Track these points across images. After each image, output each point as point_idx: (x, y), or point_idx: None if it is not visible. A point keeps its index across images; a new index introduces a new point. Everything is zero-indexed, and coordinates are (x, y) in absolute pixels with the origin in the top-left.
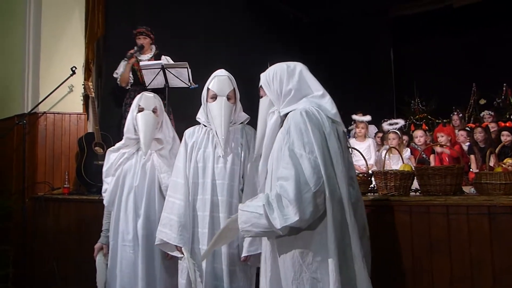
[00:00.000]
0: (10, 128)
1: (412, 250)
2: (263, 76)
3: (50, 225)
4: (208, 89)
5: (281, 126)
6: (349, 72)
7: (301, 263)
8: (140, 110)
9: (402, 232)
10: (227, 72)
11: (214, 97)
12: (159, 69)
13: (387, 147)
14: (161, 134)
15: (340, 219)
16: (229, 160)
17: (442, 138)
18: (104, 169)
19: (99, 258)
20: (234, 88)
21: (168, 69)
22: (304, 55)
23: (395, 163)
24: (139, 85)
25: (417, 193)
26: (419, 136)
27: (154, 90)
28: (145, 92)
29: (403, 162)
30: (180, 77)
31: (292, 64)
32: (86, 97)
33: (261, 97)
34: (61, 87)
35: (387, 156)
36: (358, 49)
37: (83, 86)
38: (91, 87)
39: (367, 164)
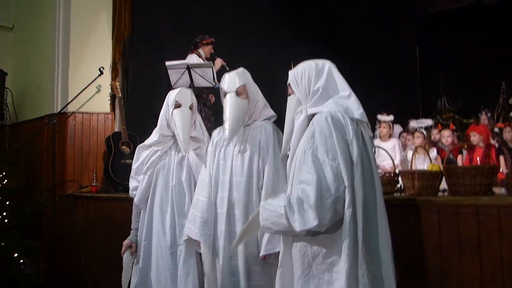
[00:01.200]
0: (41, 128)
1: (440, 250)
2: (291, 73)
3: (79, 222)
4: (221, 88)
5: (307, 125)
6: (373, 70)
7: (311, 262)
8: (177, 106)
9: (430, 233)
10: (240, 69)
11: (225, 95)
12: (184, 69)
13: (413, 147)
14: (195, 132)
15: (359, 226)
16: (247, 157)
17: (474, 137)
18: (134, 166)
19: (126, 256)
20: (244, 84)
21: (193, 69)
22: (328, 52)
23: (420, 163)
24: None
25: (445, 193)
26: (446, 136)
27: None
28: (183, 88)
29: (430, 162)
30: (205, 76)
31: (320, 62)
32: (113, 97)
33: (289, 95)
34: (89, 87)
35: (410, 158)
36: (383, 47)
37: (110, 86)
38: (118, 87)
39: (393, 164)
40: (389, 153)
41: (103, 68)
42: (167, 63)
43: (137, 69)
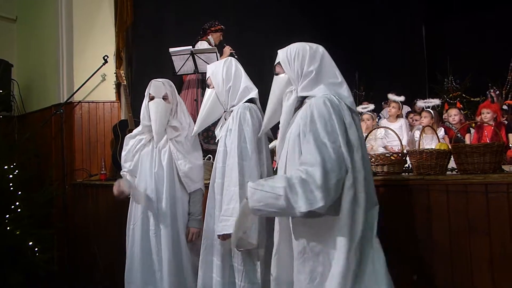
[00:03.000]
0: (48, 118)
1: (449, 229)
2: (282, 53)
3: (90, 210)
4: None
5: (297, 107)
6: (379, 49)
7: (306, 245)
8: (151, 98)
9: (439, 212)
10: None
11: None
12: (188, 55)
13: (421, 126)
14: (175, 120)
15: (360, 208)
16: (222, 143)
17: (488, 115)
18: (122, 154)
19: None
20: (209, 76)
21: (197, 54)
22: (332, 33)
23: (428, 143)
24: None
25: (454, 172)
26: (454, 114)
27: None
28: (154, 80)
29: (439, 141)
30: (209, 62)
31: (314, 45)
32: (118, 85)
33: (277, 74)
34: (94, 76)
35: (417, 137)
36: (388, 26)
37: (115, 74)
38: (122, 75)
39: (401, 144)
40: (396, 133)
41: (107, 57)
42: (171, 49)
43: (141, 56)
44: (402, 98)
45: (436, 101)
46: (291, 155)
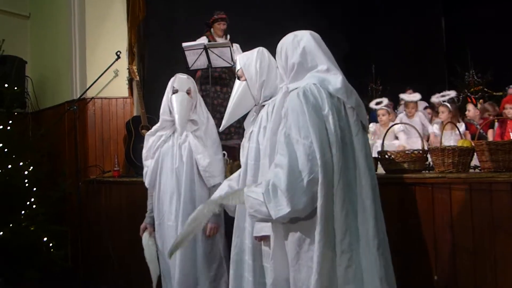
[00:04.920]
0: (62, 115)
1: (472, 229)
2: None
3: (103, 207)
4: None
5: None
6: (396, 41)
7: (298, 250)
8: (175, 91)
9: (461, 211)
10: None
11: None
12: (202, 50)
13: (439, 121)
14: (195, 115)
15: (337, 206)
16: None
17: (511, 110)
18: (143, 152)
19: (144, 237)
20: (241, 67)
21: (210, 49)
22: (350, 25)
23: (447, 140)
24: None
25: (476, 170)
26: (473, 109)
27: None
28: (179, 74)
29: (461, 136)
30: (223, 56)
31: (300, 34)
32: (130, 81)
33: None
34: (106, 72)
35: (438, 131)
36: (407, 17)
37: (128, 70)
38: (135, 70)
39: (422, 141)
40: (417, 129)
41: (120, 53)
42: (184, 44)
43: (153, 51)
44: (417, 97)
45: (452, 93)
46: (271, 156)
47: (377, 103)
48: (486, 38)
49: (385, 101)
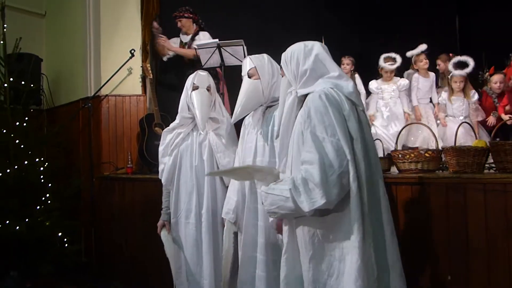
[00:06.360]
0: (76, 112)
1: (486, 230)
2: (283, 55)
3: (116, 203)
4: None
5: (301, 107)
6: (408, 43)
7: (321, 241)
8: (195, 88)
9: (475, 212)
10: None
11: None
12: (215, 48)
13: (447, 88)
14: (215, 113)
15: (364, 199)
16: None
17: None
18: (160, 149)
19: (163, 234)
20: (254, 66)
21: (223, 47)
22: (361, 25)
23: (457, 108)
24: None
25: (492, 170)
26: (499, 81)
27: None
28: (199, 71)
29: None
30: (236, 55)
31: (310, 44)
32: (144, 79)
33: (282, 76)
34: (120, 70)
35: (446, 100)
36: (419, 18)
37: (141, 68)
38: (149, 68)
39: (436, 141)
40: (433, 131)
41: (134, 50)
42: (197, 43)
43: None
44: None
45: (471, 62)
46: (296, 155)
47: (458, 64)
48: (503, 40)
49: (470, 63)
